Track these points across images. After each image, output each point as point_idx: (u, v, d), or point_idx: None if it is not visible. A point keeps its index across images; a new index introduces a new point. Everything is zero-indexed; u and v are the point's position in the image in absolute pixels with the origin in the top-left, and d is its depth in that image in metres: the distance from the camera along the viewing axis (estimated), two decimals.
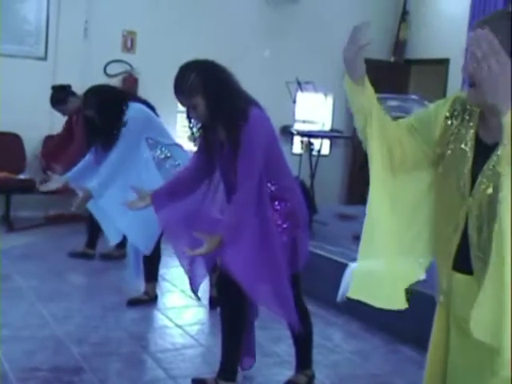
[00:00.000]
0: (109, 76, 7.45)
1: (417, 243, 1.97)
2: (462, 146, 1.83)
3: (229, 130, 2.89)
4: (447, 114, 1.87)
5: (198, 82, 2.86)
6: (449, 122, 1.87)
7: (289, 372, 3.38)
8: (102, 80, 6.29)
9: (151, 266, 4.58)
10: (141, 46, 7.69)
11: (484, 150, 1.77)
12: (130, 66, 7.59)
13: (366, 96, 1.85)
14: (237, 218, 2.88)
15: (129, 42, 7.66)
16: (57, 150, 5.76)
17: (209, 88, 2.86)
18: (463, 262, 1.81)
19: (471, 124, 1.83)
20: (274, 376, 3.47)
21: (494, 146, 1.73)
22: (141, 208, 3.20)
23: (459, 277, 1.84)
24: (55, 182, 4.33)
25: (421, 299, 3.97)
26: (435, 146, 1.89)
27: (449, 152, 1.85)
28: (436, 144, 1.89)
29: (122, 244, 5.63)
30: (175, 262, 5.69)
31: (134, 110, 4.27)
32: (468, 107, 1.85)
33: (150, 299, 4.60)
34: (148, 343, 3.94)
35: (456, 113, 1.87)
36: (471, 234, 1.78)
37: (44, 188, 4.48)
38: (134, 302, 4.52)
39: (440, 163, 1.89)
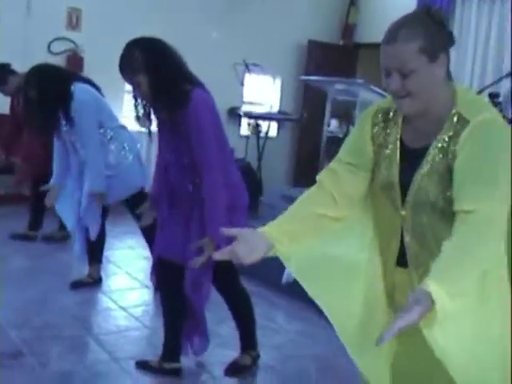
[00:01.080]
0: (52, 54, 7.25)
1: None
2: (387, 151, 1.82)
3: (169, 111, 2.87)
4: (373, 130, 1.85)
5: (141, 59, 2.81)
6: (375, 135, 1.85)
7: (233, 353, 3.39)
8: (45, 58, 6.10)
9: (95, 248, 4.52)
10: (86, 24, 7.51)
11: (410, 155, 1.77)
12: (75, 44, 7.41)
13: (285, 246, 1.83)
14: (217, 214, 2.87)
15: (74, 19, 7.48)
16: (11, 140, 5.61)
17: (151, 66, 2.81)
18: (403, 259, 1.86)
19: (395, 130, 1.82)
20: (218, 357, 3.47)
21: (421, 151, 1.74)
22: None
23: (400, 270, 1.88)
24: (51, 196, 4.30)
25: None
26: (374, 165, 1.87)
27: (379, 162, 1.85)
28: (374, 162, 1.87)
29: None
30: (120, 243, 5.69)
31: (81, 91, 4.16)
32: (391, 114, 1.84)
33: (93, 281, 4.55)
34: (91, 326, 3.89)
35: (381, 124, 1.85)
36: (407, 241, 1.83)
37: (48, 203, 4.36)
38: (77, 285, 4.46)
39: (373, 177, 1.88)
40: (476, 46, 8.11)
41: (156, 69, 2.81)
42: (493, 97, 5.14)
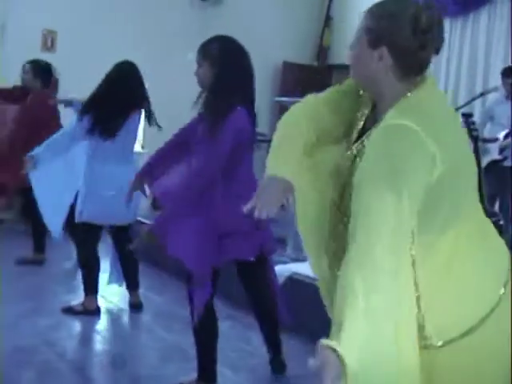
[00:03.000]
0: None
1: None
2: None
3: (208, 117, 2.95)
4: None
5: (215, 50, 2.96)
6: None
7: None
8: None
9: (91, 276, 4.42)
10: (61, 46, 7.50)
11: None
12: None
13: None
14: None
15: (49, 41, 7.46)
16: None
17: (218, 62, 2.94)
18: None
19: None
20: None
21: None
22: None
23: None
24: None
25: None
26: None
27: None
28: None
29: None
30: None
31: None
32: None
33: (87, 312, 4.36)
34: (64, 350, 3.81)
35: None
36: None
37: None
38: (68, 311, 4.36)
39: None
40: (449, 65, 8.17)
41: (220, 66, 2.93)
42: (466, 117, 5.18)
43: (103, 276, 5.02)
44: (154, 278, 5.21)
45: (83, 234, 4.38)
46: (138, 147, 3.25)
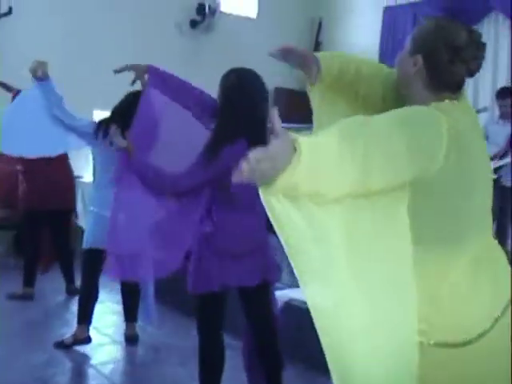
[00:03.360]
0: None
1: None
2: None
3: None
4: None
5: (226, 82, 3.09)
6: None
7: None
8: None
9: (87, 304, 4.33)
10: (52, 76, 7.42)
11: None
12: None
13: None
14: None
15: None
16: None
17: (226, 95, 3.05)
18: None
19: None
20: None
21: None
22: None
23: None
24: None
25: None
26: None
27: None
28: None
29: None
30: None
31: None
32: None
33: (78, 342, 4.27)
34: None
35: None
36: None
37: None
38: (59, 346, 4.25)
39: None
40: None
41: (226, 100, 3.05)
42: None
43: (102, 307, 4.93)
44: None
45: (88, 261, 4.29)
46: None
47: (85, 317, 4.30)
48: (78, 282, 5.00)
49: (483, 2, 7.61)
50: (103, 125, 4.02)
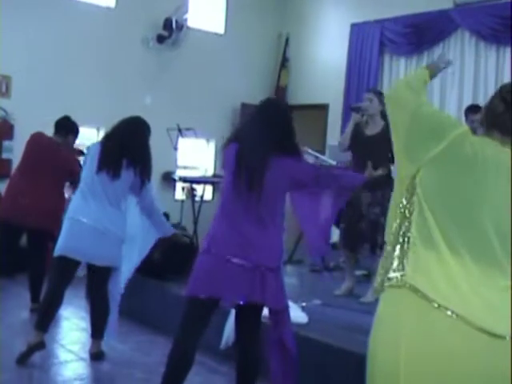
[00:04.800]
0: None
1: None
2: None
3: None
4: None
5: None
6: None
7: None
8: None
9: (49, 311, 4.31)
10: (16, 91, 7.43)
11: None
12: (5, 111, 7.30)
13: None
14: None
15: (3, 87, 7.38)
16: None
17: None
18: None
19: None
20: None
21: None
22: None
23: None
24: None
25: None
26: None
27: None
28: None
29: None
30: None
31: None
32: None
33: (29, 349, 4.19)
34: None
35: None
36: None
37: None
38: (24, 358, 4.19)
39: None
40: None
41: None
42: None
43: (67, 324, 4.89)
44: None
45: (58, 269, 4.27)
46: None
47: (42, 324, 4.26)
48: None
49: (449, 20, 7.75)
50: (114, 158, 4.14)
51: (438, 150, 1.91)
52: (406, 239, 1.92)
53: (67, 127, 5.47)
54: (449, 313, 1.77)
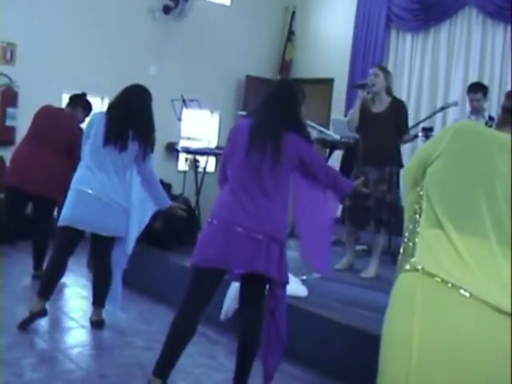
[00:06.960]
0: None
1: None
2: None
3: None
4: None
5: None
6: None
7: None
8: None
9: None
10: (21, 59, 7.40)
11: None
12: (10, 78, 7.28)
13: None
14: None
15: (8, 54, 7.35)
16: None
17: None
18: None
19: None
20: None
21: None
22: None
23: None
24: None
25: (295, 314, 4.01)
26: None
27: None
28: None
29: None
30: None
31: None
32: None
33: (31, 316, 4.26)
34: (23, 371, 3.67)
35: None
36: None
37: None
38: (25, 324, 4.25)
39: None
40: (410, 79, 8.35)
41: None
42: (426, 131, 5.26)
43: (69, 292, 4.93)
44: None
45: (64, 239, 4.31)
46: None
47: (45, 292, 4.31)
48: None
49: None
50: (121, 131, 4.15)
51: (441, 148, 2.02)
52: (416, 225, 2.06)
53: (78, 101, 5.50)
54: (462, 291, 1.80)
